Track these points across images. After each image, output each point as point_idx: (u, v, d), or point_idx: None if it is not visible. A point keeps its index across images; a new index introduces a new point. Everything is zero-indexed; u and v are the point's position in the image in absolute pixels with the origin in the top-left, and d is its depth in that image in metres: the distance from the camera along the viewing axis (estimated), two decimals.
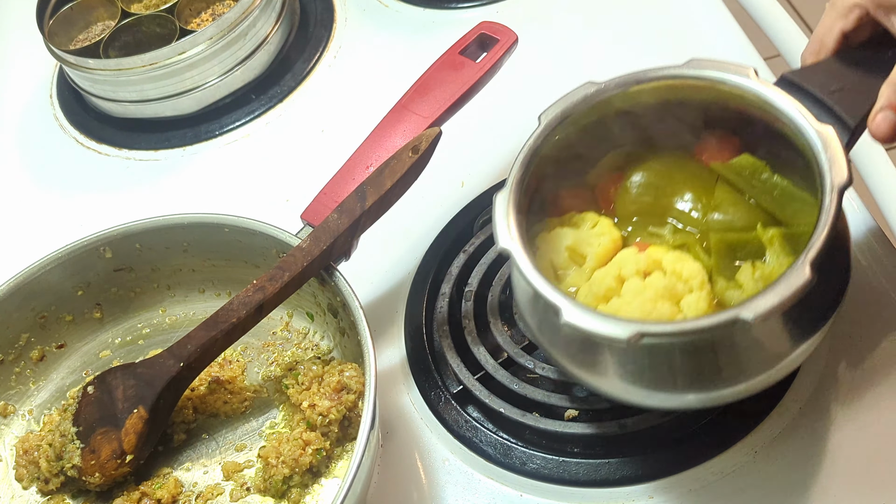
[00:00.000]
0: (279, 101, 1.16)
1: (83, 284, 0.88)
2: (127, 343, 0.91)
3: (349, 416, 0.78)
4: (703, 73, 0.72)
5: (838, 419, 0.76)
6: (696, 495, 0.75)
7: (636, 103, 0.75)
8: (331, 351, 0.86)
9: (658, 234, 0.75)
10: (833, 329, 0.80)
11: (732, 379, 0.66)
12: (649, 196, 0.76)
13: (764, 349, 0.66)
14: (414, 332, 0.89)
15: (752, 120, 0.72)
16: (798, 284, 0.60)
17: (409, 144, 0.81)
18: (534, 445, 0.79)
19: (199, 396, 0.83)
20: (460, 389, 0.83)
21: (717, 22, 1.10)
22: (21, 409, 0.87)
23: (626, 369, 0.67)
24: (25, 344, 0.87)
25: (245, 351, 0.88)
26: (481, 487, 0.79)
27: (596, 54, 1.11)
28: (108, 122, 1.19)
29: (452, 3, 1.21)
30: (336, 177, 0.85)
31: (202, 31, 1.09)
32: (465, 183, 0.99)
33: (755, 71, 0.71)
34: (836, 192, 0.63)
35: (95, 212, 1.08)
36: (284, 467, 0.76)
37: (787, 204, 0.72)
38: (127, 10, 1.19)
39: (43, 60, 1.26)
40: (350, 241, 0.81)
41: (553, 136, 0.74)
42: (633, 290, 0.69)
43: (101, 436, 0.77)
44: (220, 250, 0.88)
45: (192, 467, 0.81)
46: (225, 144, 1.14)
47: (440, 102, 0.86)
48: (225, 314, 0.78)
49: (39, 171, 1.17)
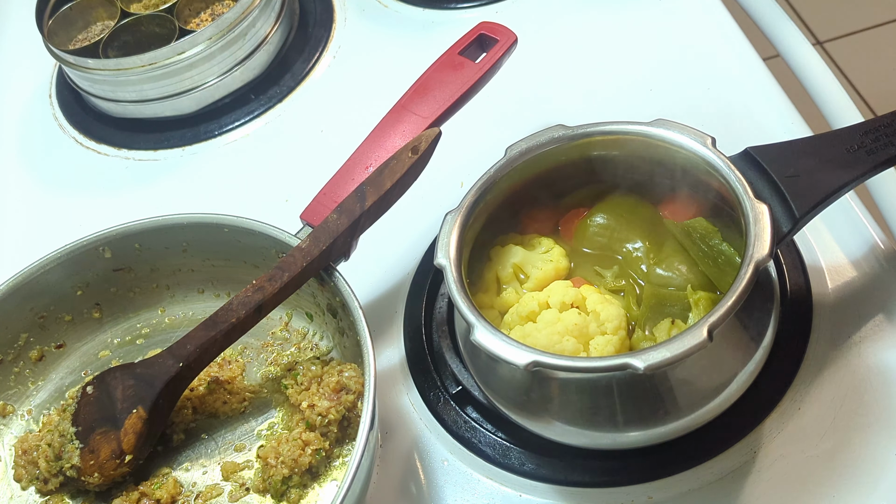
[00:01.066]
0: (278, 101, 1.16)
1: (82, 284, 0.88)
2: (126, 343, 0.91)
3: (348, 416, 0.78)
4: (664, 136, 0.76)
5: (838, 419, 0.76)
6: (696, 495, 0.75)
7: (601, 152, 0.79)
8: (330, 351, 0.86)
9: (601, 274, 0.79)
10: (833, 333, 0.80)
11: (673, 415, 0.69)
12: (604, 237, 0.80)
13: (692, 389, 0.69)
14: (413, 333, 0.89)
15: (711, 186, 0.76)
16: (692, 344, 0.64)
17: (409, 145, 0.81)
18: (533, 446, 0.79)
19: (198, 396, 0.83)
20: (459, 390, 0.83)
21: (717, 23, 1.10)
22: (20, 410, 0.87)
23: (563, 408, 0.70)
24: (24, 344, 0.87)
25: (244, 351, 0.88)
26: (480, 488, 0.79)
27: (596, 54, 1.11)
28: (108, 122, 1.19)
29: (452, 3, 1.21)
30: (335, 177, 0.85)
31: (201, 32, 1.08)
32: (464, 183, 0.99)
33: (713, 140, 0.74)
34: (753, 266, 0.66)
35: (94, 212, 1.08)
36: (284, 468, 0.76)
37: (728, 272, 0.74)
38: (126, 10, 1.19)
39: (42, 60, 1.26)
40: (349, 241, 0.81)
41: (520, 165, 0.78)
42: (547, 321, 0.73)
43: (100, 436, 0.77)
44: (219, 250, 0.88)
45: (192, 467, 0.81)
46: (224, 144, 1.14)
47: (440, 103, 0.86)
48: (224, 314, 0.77)
49: (38, 171, 1.17)
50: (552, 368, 0.66)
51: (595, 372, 0.66)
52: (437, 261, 0.73)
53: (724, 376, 0.69)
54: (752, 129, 0.96)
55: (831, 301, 0.82)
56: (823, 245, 0.86)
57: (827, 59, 1.69)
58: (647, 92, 1.05)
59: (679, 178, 0.78)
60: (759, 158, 0.73)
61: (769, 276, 0.73)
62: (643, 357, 0.64)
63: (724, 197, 0.74)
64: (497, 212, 0.80)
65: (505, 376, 0.72)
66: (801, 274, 0.84)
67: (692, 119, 0.78)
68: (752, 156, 0.74)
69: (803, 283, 0.84)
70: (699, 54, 1.07)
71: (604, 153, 0.79)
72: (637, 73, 1.07)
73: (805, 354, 0.79)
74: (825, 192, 0.72)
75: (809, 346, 0.80)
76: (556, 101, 1.07)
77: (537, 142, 0.78)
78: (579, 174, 0.81)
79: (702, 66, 1.06)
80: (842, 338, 0.80)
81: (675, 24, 1.11)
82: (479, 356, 0.74)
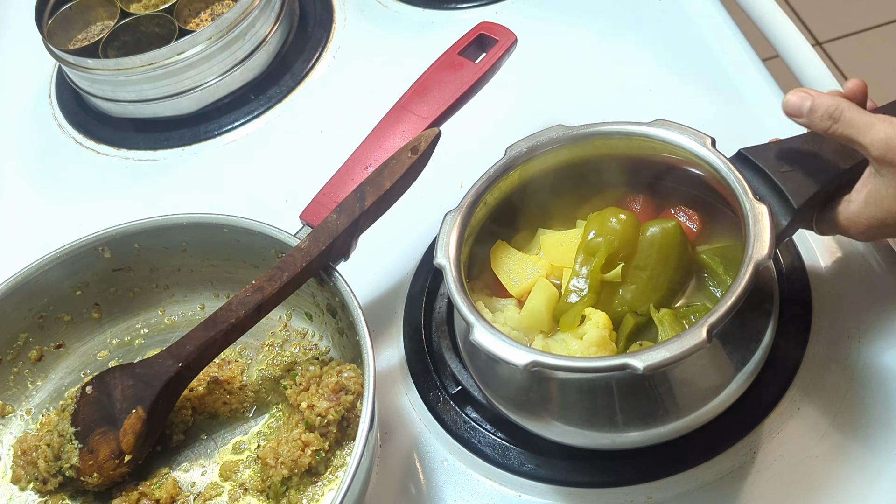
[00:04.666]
0: (278, 101, 1.16)
1: (82, 284, 0.88)
2: (125, 343, 0.91)
3: (348, 416, 0.78)
4: (664, 136, 0.75)
5: (837, 420, 0.76)
6: (696, 495, 0.75)
7: (601, 154, 0.79)
8: (329, 351, 0.86)
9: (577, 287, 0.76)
10: (833, 334, 0.80)
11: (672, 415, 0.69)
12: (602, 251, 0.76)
13: (692, 389, 0.69)
14: (413, 333, 0.89)
15: (709, 185, 0.75)
16: (691, 345, 0.64)
17: (409, 145, 0.81)
18: (532, 446, 0.79)
19: (197, 397, 0.83)
20: (459, 390, 0.83)
21: (717, 23, 1.10)
22: (19, 410, 0.87)
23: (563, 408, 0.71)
24: (24, 344, 0.87)
25: (244, 351, 0.88)
26: (480, 488, 0.79)
27: (595, 54, 1.11)
28: (107, 122, 1.19)
29: (451, 3, 1.21)
30: (335, 177, 0.85)
31: (201, 32, 1.08)
32: (463, 183, 0.99)
33: (713, 141, 0.74)
34: (752, 266, 0.66)
35: (94, 212, 1.08)
36: (283, 468, 0.76)
37: None
38: (126, 10, 1.19)
39: (42, 60, 1.26)
40: (349, 241, 0.80)
41: (523, 166, 0.78)
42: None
43: (99, 436, 0.77)
44: (218, 250, 0.87)
45: (191, 468, 0.81)
46: (224, 144, 1.14)
47: (439, 103, 0.86)
48: (224, 314, 0.77)
49: (38, 171, 1.17)
50: (551, 368, 0.66)
51: (594, 372, 0.66)
52: (437, 260, 0.74)
53: (724, 376, 0.69)
54: (752, 129, 0.96)
55: (830, 302, 0.82)
56: (823, 246, 0.86)
57: (826, 60, 1.69)
58: (647, 92, 1.05)
59: (677, 178, 0.78)
60: (752, 158, 0.74)
61: (769, 276, 0.73)
62: (642, 357, 0.64)
63: (722, 197, 0.74)
64: (497, 212, 0.80)
65: (504, 376, 0.72)
66: (800, 274, 0.84)
67: (692, 119, 0.78)
68: (745, 156, 0.74)
69: (803, 283, 0.84)
70: (699, 54, 1.07)
71: (603, 153, 0.79)
72: (637, 73, 1.07)
73: (804, 355, 0.79)
74: (821, 182, 0.72)
75: (808, 346, 0.80)
76: (555, 101, 1.07)
77: (537, 142, 0.78)
78: (583, 177, 0.81)
79: (702, 66, 1.06)
80: (841, 338, 0.80)
81: (675, 24, 1.11)
82: (478, 356, 0.74)
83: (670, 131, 0.75)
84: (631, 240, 0.76)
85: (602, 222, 0.77)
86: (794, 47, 1.03)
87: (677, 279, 0.76)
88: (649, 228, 0.76)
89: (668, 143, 0.75)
